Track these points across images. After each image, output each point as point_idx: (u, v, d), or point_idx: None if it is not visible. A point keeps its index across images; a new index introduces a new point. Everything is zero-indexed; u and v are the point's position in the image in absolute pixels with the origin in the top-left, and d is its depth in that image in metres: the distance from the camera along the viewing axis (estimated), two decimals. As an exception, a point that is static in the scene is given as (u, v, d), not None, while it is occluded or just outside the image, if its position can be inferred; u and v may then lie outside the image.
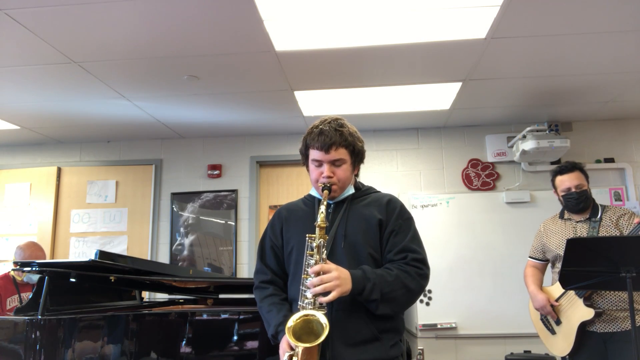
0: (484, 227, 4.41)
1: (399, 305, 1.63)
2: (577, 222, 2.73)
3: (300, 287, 1.60)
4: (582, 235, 2.68)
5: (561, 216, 2.83)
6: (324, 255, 1.57)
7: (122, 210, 4.86)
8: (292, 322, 1.50)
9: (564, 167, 2.77)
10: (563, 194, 2.73)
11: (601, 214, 2.69)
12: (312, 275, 1.53)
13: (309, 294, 1.54)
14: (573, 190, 2.69)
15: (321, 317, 1.48)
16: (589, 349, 2.59)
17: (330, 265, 1.55)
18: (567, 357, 2.68)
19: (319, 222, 1.59)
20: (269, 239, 1.83)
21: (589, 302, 2.56)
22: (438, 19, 2.66)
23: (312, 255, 1.59)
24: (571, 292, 2.62)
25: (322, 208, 1.61)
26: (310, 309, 1.52)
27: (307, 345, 1.45)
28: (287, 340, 1.53)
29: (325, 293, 1.50)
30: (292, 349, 1.52)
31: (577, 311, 2.59)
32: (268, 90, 3.70)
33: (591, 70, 3.39)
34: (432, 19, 2.66)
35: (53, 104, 3.88)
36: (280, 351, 1.59)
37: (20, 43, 2.86)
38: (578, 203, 2.69)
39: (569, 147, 4.13)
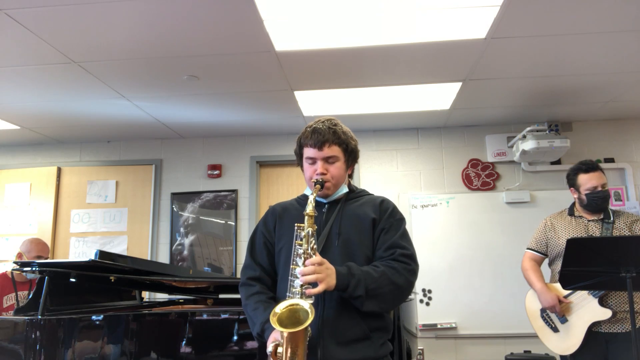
0: (484, 227, 4.41)
1: (386, 301, 1.62)
2: (590, 220, 2.71)
3: (289, 277, 1.59)
4: (594, 235, 2.66)
5: (571, 213, 2.79)
6: (312, 245, 1.56)
7: (122, 210, 4.86)
8: (278, 310, 1.49)
9: (589, 166, 2.73)
10: (588, 192, 2.69)
11: (614, 217, 2.68)
12: (302, 266, 1.52)
13: (296, 284, 1.53)
14: (600, 188, 2.67)
15: (306, 304, 1.48)
16: (591, 348, 2.57)
17: (320, 258, 1.54)
18: (569, 356, 2.66)
19: (308, 211, 1.59)
20: (261, 234, 1.82)
21: (603, 302, 2.54)
22: (438, 19, 2.66)
23: (300, 245, 1.58)
24: (583, 290, 2.59)
25: (312, 198, 1.62)
26: (298, 298, 1.52)
27: (292, 330, 1.43)
28: (273, 336, 1.53)
29: (314, 285, 1.50)
30: (277, 340, 1.51)
31: (589, 311, 2.56)
32: (268, 90, 3.70)
33: (591, 70, 3.39)
34: (432, 19, 2.66)
35: (53, 104, 3.88)
36: (267, 347, 1.56)
37: (20, 43, 2.86)
38: (603, 202, 2.67)
39: (569, 147, 4.14)
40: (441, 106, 4.11)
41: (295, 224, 1.63)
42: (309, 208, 1.59)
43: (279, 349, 1.47)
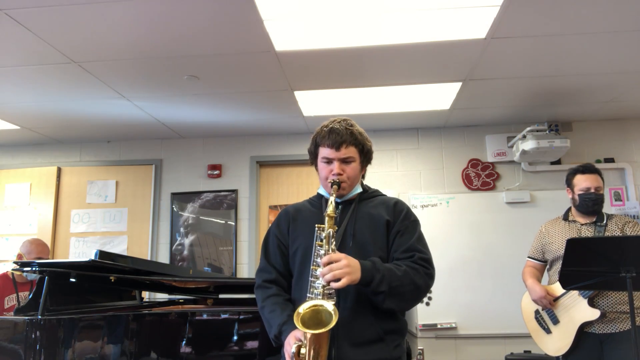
0: (484, 227, 4.41)
1: (405, 301, 1.62)
2: (583, 224, 2.73)
3: (310, 278, 1.59)
4: None
5: (565, 218, 2.82)
6: (333, 246, 1.57)
7: (122, 210, 4.86)
8: (301, 310, 1.49)
9: (586, 168, 2.77)
10: (581, 192, 2.72)
11: (606, 220, 2.70)
12: (322, 266, 1.52)
13: (317, 285, 1.53)
14: (592, 190, 2.69)
15: (329, 306, 1.47)
16: (585, 349, 2.59)
17: (339, 255, 1.54)
18: (561, 357, 2.68)
19: (328, 212, 1.60)
20: (274, 237, 1.82)
21: (592, 302, 2.56)
22: (438, 19, 2.66)
23: (321, 246, 1.59)
24: (574, 292, 2.62)
25: (332, 199, 1.64)
26: (320, 299, 1.51)
27: (317, 331, 1.42)
28: (293, 335, 1.52)
29: (335, 280, 1.50)
30: (299, 340, 1.50)
31: (579, 311, 2.59)
32: (268, 90, 3.70)
33: (591, 70, 3.39)
34: (432, 19, 2.66)
35: (53, 104, 3.88)
36: (286, 348, 1.55)
37: (20, 43, 2.85)
38: (595, 204, 2.69)
39: (569, 147, 4.13)
40: (441, 106, 4.11)
41: (316, 225, 1.65)
42: (330, 209, 1.60)
43: (302, 350, 1.46)
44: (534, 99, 3.96)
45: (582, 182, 2.73)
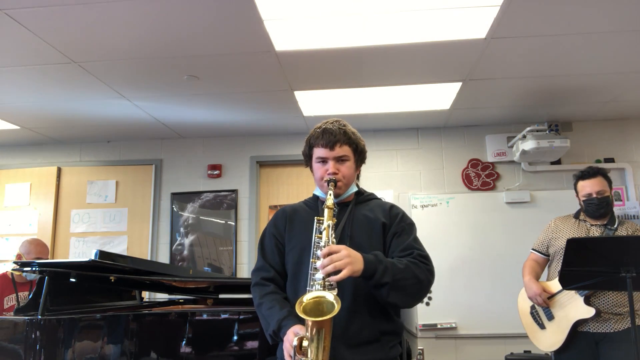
0: (484, 227, 4.41)
1: (408, 295, 1.60)
2: (592, 225, 2.73)
3: (309, 270, 1.58)
4: None
5: (576, 216, 2.82)
6: (332, 238, 1.56)
7: (122, 210, 4.86)
8: (305, 299, 1.46)
9: (586, 173, 2.76)
10: (584, 199, 2.73)
11: (618, 224, 2.70)
12: (322, 257, 1.49)
13: (317, 277, 1.51)
14: (594, 196, 2.69)
15: (331, 296, 1.45)
16: (579, 348, 2.60)
17: (340, 246, 1.53)
18: (553, 353, 2.69)
19: (327, 204, 1.60)
20: (271, 236, 1.81)
21: (589, 301, 2.56)
22: (438, 19, 2.66)
23: (320, 239, 1.58)
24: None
25: (330, 191, 1.65)
26: (321, 290, 1.49)
27: (319, 318, 1.39)
28: (292, 331, 1.50)
29: (336, 272, 1.47)
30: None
31: (575, 308, 2.59)
32: (268, 90, 3.70)
33: (591, 70, 3.39)
34: (432, 19, 2.66)
35: (53, 104, 3.88)
36: (285, 345, 1.52)
37: (20, 43, 2.85)
38: (599, 208, 2.68)
39: (569, 147, 4.13)
40: (441, 106, 4.11)
41: (315, 217, 1.66)
42: (330, 201, 1.61)
43: (304, 342, 1.44)
44: (534, 99, 3.96)
45: (583, 188, 2.74)
